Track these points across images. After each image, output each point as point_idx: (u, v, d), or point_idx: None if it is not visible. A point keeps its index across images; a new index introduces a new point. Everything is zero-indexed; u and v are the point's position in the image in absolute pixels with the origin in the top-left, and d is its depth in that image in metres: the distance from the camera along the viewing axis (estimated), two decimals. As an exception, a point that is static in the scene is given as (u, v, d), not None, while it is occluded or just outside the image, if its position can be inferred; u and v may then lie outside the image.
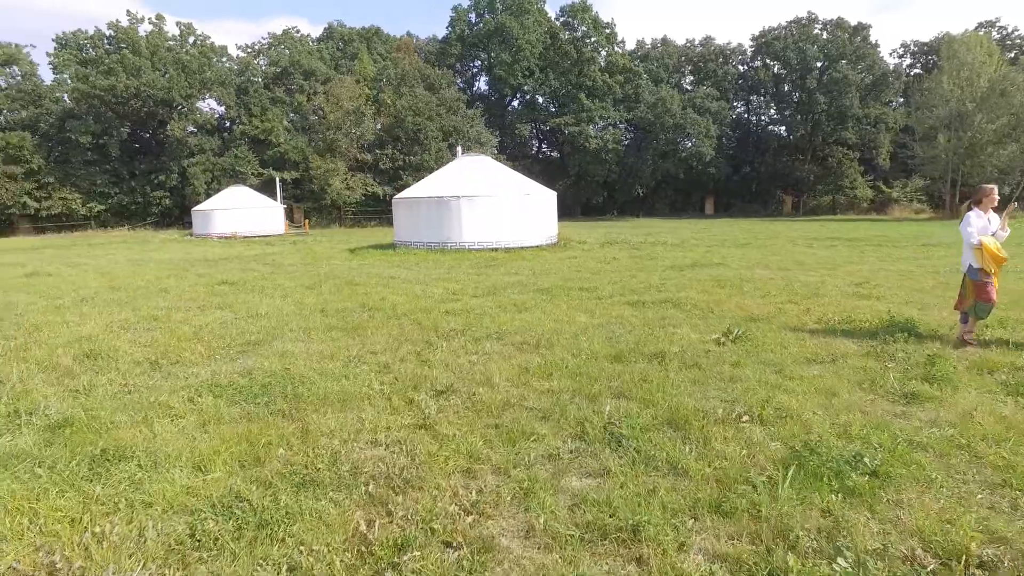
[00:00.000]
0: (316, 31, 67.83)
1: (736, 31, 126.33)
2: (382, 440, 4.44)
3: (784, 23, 64.17)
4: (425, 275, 14.77)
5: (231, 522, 3.32)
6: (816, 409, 4.95)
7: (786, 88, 65.23)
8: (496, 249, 21.04)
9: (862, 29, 61.19)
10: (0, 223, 48.62)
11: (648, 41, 72.45)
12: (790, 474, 3.72)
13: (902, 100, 62.94)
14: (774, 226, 42.67)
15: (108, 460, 4.07)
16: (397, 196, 23.77)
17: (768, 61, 65.58)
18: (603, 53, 66.58)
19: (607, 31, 66.44)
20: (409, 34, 70.40)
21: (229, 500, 3.55)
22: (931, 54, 62.85)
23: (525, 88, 65.40)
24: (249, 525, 3.28)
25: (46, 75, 54.94)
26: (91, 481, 3.81)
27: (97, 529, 3.24)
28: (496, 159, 53.23)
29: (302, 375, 6.01)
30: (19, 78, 53.90)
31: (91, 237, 40.53)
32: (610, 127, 64.67)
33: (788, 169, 65.07)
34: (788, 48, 61.30)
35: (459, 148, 26.96)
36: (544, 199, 23.02)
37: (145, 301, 11.07)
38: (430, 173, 53.04)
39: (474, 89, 70.57)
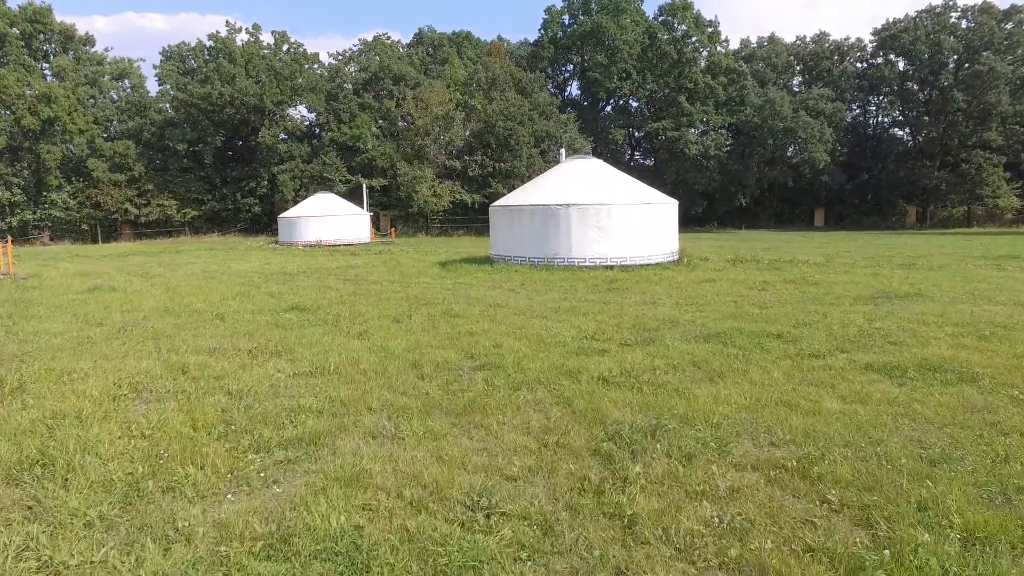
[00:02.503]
0: (406, 40, 67.14)
1: (855, 25, 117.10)
2: None
3: (913, 13, 57.69)
4: (540, 303, 11.76)
5: None
6: None
7: (913, 86, 58.62)
8: (612, 267, 17.84)
9: (1015, 13, 53.74)
10: (105, 229, 49.80)
11: (753, 40, 67.38)
12: None
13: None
14: (912, 240, 37.25)
15: None
16: (495, 204, 21.01)
17: (892, 57, 59.17)
18: (704, 53, 62.23)
19: (709, 30, 62.03)
20: (500, 38, 68.42)
21: None
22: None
23: (621, 91, 61.85)
24: None
25: (153, 87, 56.60)
26: None
27: None
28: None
29: (382, 544, 3.07)
30: (129, 90, 55.60)
31: (181, 244, 40.28)
32: (712, 132, 60.14)
33: (913, 176, 58.28)
34: (919, 40, 54.83)
35: (562, 151, 24.03)
36: (666, 209, 19.63)
37: (191, 336, 8.58)
38: (521, 180, 51.05)
39: (566, 94, 67.72)
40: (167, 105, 53.27)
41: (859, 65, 62.85)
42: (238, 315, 10.30)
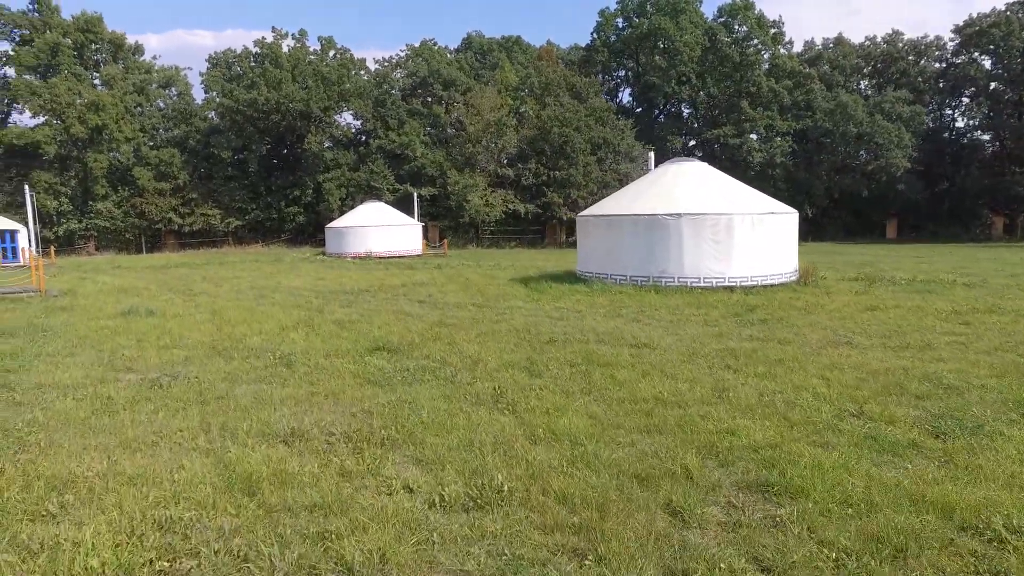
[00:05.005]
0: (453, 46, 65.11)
1: (935, 23, 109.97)
2: None
3: (1002, 6, 53.22)
4: (689, 341, 8.92)
5: None
6: None
7: (1001, 87, 54.12)
8: (732, 288, 14.90)
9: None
10: (149, 238, 48.61)
11: (819, 41, 63.50)
12: None
13: None
14: (1017, 255, 33.21)
15: None
16: (585, 214, 18.24)
17: (977, 55, 54.78)
18: (766, 55, 58.67)
19: (773, 31, 58.52)
20: (550, 43, 65.90)
21: None
22: None
23: (680, 96, 58.68)
24: None
25: (199, 96, 55.70)
26: None
27: None
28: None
29: None
30: (175, 98, 54.64)
31: (226, 254, 38.45)
32: (776, 138, 56.44)
33: (1000, 184, 53.59)
34: (1012, 35, 50.41)
35: (650, 155, 21.20)
36: (788, 220, 16.62)
37: (251, 400, 5.97)
38: (577, 189, 48.24)
39: (617, 99, 64.77)
40: (212, 113, 52.08)
41: (938, 65, 58.53)
42: (308, 358, 7.68)
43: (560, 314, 11.73)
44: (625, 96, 66.34)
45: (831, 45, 62.42)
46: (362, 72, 54.29)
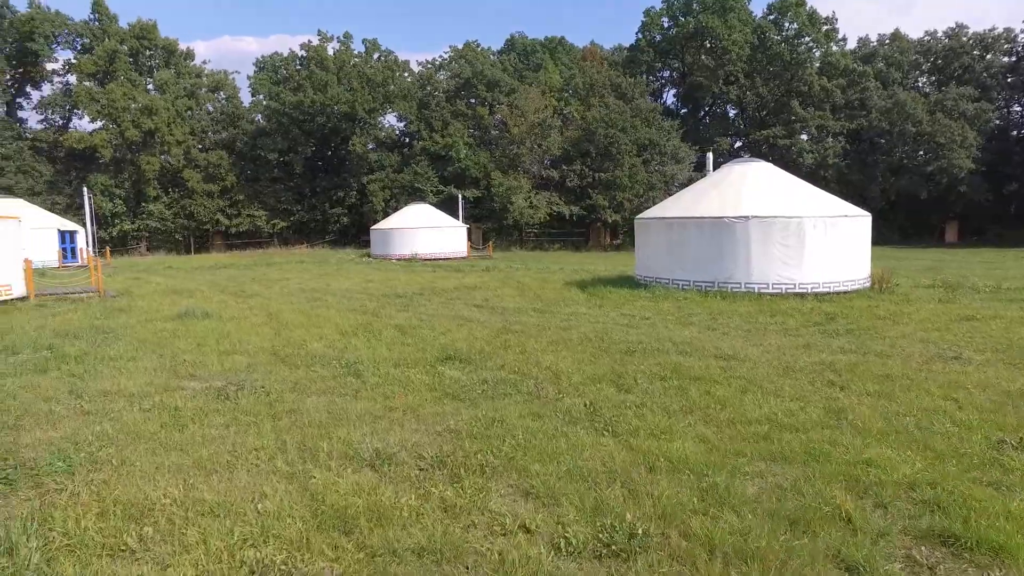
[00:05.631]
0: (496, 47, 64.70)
1: (997, 15, 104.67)
2: None
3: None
4: (776, 352, 8.25)
5: None
6: None
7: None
8: (804, 295, 14.07)
9: None
10: (198, 239, 49.48)
11: (874, 37, 61.27)
12: None
13: None
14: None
15: None
16: (644, 216, 17.60)
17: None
18: (818, 54, 56.81)
19: (825, 27, 56.64)
20: (594, 43, 65.16)
21: None
22: None
23: (728, 96, 57.29)
24: None
25: (246, 99, 56.72)
26: None
27: None
28: (697, 178, 45.77)
29: None
30: (224, 101, 55.65)
31: (272, 256, 38.76)
32: (828, 139, 54.59)
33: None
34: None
35: (708, 155, 20.40)
36: (861, 224, 15.70)
37: (324, 414, 5.58)
38: (623, 191, 47.30)
39: (661, 100, 63.57)
40: (259, 116, 52.83)
41: (1007, 59, 55.79)
42: (377, 368, 7.26)
43: (628, 321, 11.14)
44: (669, 97, 65.19)
45: (887, 41, 60.20)
46: (406, 74, 54.43)
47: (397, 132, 53.01)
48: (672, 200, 17.95)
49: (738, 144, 62.23)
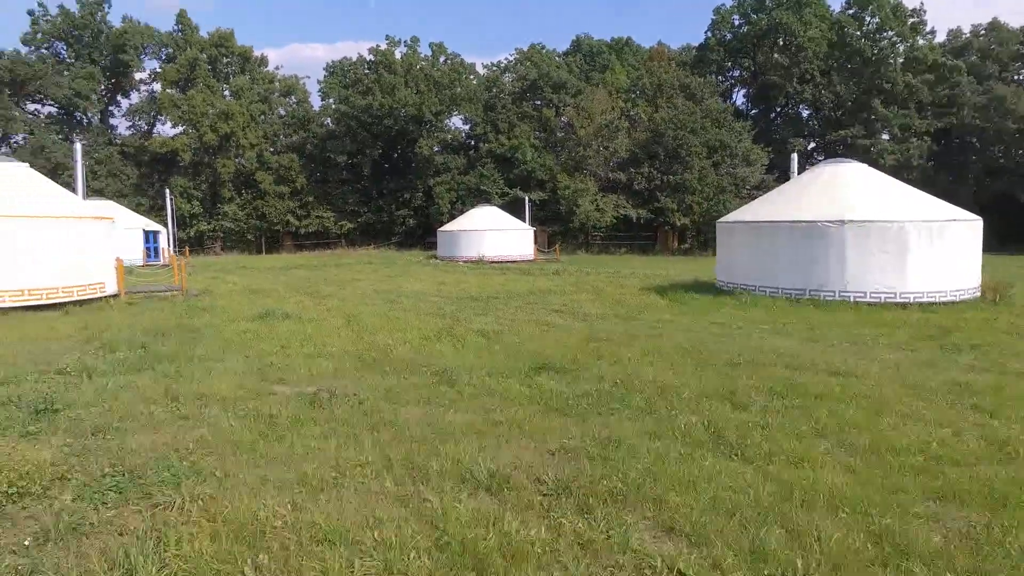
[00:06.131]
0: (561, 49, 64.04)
1: None
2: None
3: None
4: (907, 369, 7.50)
5: None
6: None
7: None
8: (905, 304, 13.08)
9: None
10: (268, 239, 50.98)
11: (967, 29, 57.68)
12: None
13: None
14: None
15: None
16: (726, 219, 16.83)
17: None
18: (902, 48, 53.87)
19: (911, 20, 53.67)
20: (661, 43, 63.85)
21: None
22: None
23: (802, 96, 55.05)
24: None
25: (316, 104, 58.23)
26: None
27: None
28: (769, 181, 44.15)
29: None
30: (295, 105, 57.27)
31: (340, 257, 39.46)
32: (912, 139, 51.66)
33: None
34: None
35: (793, 156, 19.44)
36: (970, 228, 14.50)
37: (425, 426, 5.29)
38: (692, 194, 45.97)
39: (731, 100, 61.67)
40: (329, 119, 54.04)
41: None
42: (470, 376, 6.94)
43: (721, 330, 10.52)
44: (739, 97, 63.19)
45: (982, 32, 56.50)
46: (471, 77, 54.67)
47: (463, 135, 53.28)
48: (758, 203, 17.11)
49: (811, 145, 59.76)
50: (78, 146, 18.98)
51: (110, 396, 6.24)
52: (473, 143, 52.42)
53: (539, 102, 51.92)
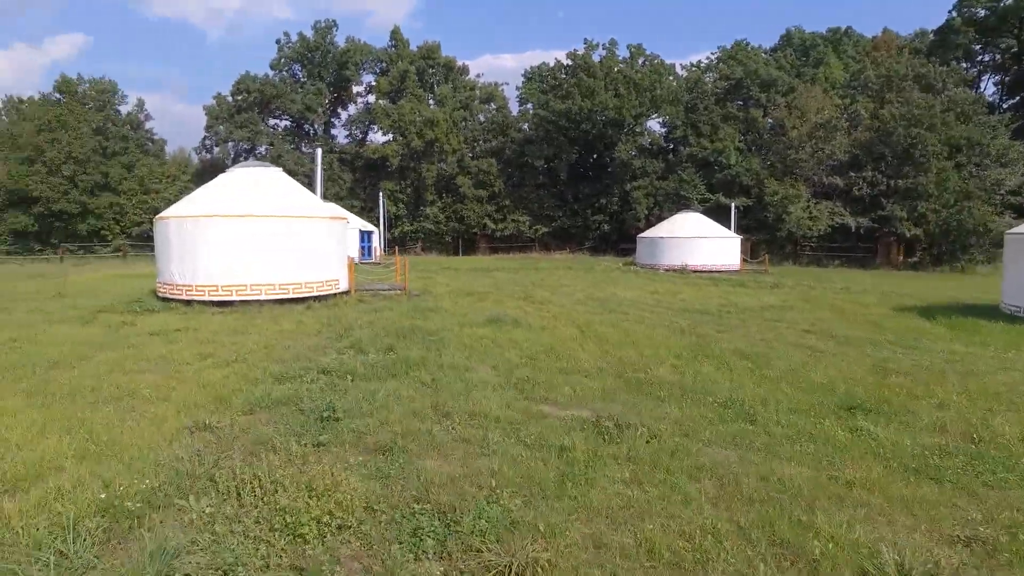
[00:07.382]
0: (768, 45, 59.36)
1: None
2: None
3: None
4: None
5: None
6: None
7: None
8: None
9: None
10: (465, 241, 53.17)
11: None
12: None
13: None
14: None
15: None
16: (1016, 231, 13.86)
17: None
18: None
19: None
20: (887, 30, 56.80)
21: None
22: None
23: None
24: None
25: (514, 109, 59.86)
26: None
27: None
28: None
29: None
30: (494, 111, 59.36)
31: (536, 261, 39.73)
32: None
33: None
34: None
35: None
36: None
37: (766, 495, 4.28)
38: (927, 200, 39.98)
39: (978, 90, 53.01)
40: (526, 125, 55.13)
41: None
42: (769, 412, 5.82)
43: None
44: (988, 86, 54.22)
45: None
46: (671, 78, 52.70)
47: (661, 138, 51.54)
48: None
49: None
50: (319, 152, 20.57)
51: (381, 406, 6.04)
52: (672, 146, 50.44)
53: (743, 102, 48.61)
